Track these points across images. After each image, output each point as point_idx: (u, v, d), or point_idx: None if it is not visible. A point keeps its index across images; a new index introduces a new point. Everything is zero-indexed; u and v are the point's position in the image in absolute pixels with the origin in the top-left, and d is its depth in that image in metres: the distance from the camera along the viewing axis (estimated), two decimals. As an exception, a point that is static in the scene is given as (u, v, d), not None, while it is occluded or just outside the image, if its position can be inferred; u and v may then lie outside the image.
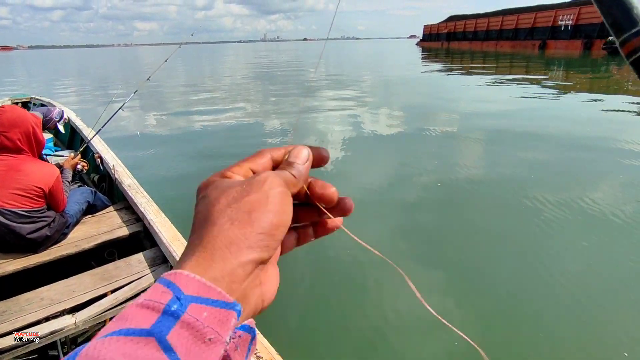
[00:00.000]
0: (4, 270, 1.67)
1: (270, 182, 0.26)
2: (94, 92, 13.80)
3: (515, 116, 7.12)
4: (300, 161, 0.29)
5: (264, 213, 0.24)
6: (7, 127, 1.83)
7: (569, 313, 2.12)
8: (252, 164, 0.29)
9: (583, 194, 3.52)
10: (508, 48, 35.82)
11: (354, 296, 2.32)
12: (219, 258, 0.22)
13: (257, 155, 0.30)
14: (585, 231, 2.94)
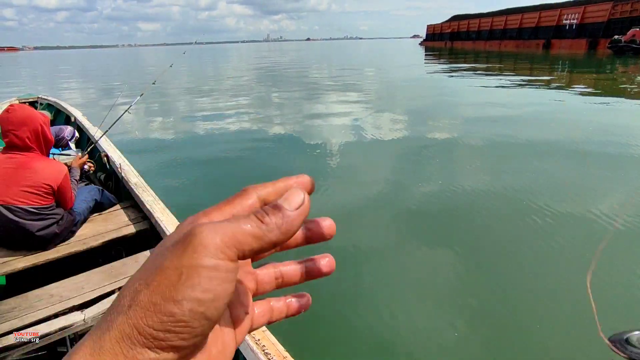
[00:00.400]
0: (14, 267, 1.69)
1: (199, 244, 0.18)
2: (98, 92, 13.90)
3: (519, 119, 7.08)
4: (290, 207, 0.21)
5: (172, 299, 0.17)
6: (16, 126, 1.84)
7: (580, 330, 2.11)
8: (234, 208, 0.22)
9: (589, 202, 3.49)
10: (512, 48, 35.69)
11: (363, 295, 2.33)
12: (108, 352, 0.17)
13: (241, 196, 0.23)
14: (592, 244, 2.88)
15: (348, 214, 3.37)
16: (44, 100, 5.01)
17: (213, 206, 0.23)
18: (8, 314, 1.45)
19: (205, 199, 3.80)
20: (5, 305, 1.49)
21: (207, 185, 4.19)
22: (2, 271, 1.66)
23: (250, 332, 0.26)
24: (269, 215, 0.21)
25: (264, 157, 5.13)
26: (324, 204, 3.57)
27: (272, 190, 0.23)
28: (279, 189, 0.23)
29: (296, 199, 0.22)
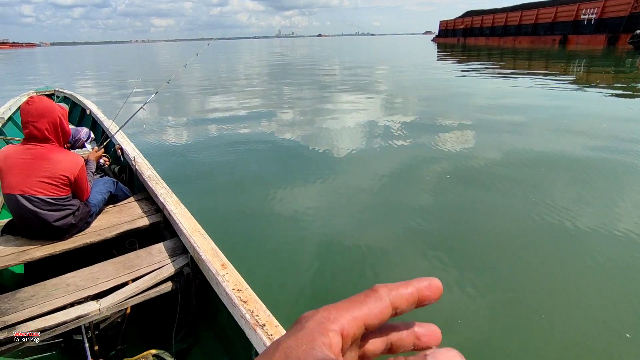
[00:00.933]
0: (32, 256, 1.72)
1: None
2: (112, 86, 14.09)
3: (537, 119, 6.95)
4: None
5: None
6: (35, 117, 1.87)
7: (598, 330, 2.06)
8: (365, 310, 0.21)
9: (608, 205, 3.41)
10: (527, 44, 34.96)
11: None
12: None
13: (371, 296, 0.21)
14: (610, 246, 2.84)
15: (360, 212, 3.36)
16: (61, 93, 5.11)
17: (342, 303, 0.21)
18: (27, 302, 1.47)
19: (218, 194, 3.83)
20: (24, 293, 1.52)
21: (219, 178, 4.21)
22: (21, 260, 1.69)
23: None
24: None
25: (276, 152, 5.14)
26: (334, 202, 3.56)
27: (405, 295, 0.22)
28: (411, 296, 0.22)
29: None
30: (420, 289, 0.22)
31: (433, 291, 0.23)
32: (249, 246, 2.83)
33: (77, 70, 24.13)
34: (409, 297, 0.22)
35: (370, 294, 0.22)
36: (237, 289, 1.36)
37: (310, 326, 0.19)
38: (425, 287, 0.23)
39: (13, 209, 1.82)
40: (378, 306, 0.21)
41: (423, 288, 0.22)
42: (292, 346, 0.18)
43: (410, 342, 0.23)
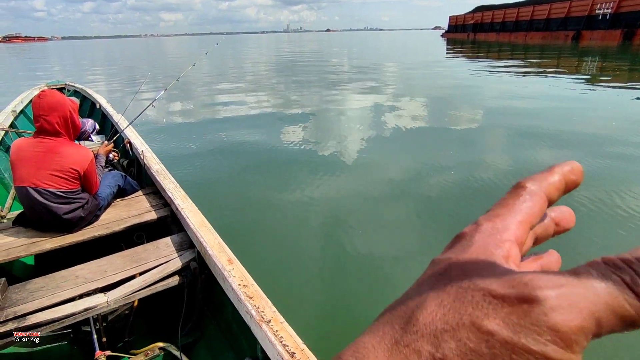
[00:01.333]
0: (42, 247, 1.74)
1: (546, 323, 0.13)
2: (121, 80, 14.20)
3: (549, 118, 6.84)
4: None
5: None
6: (47, 111, 1.88)
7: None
8: (531, 218, 0.19)
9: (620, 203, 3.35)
10: (538, 39, 34.36)
11: (381, 291, 2.31)
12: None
13: (526, 196, 0.19)
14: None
15: (362, 212, 3.35)
16: (71, 87, 5.16)
17: (497, 209, 0.19)
18: (37, 293, 1.50)
19: (226, 189, 3.85)
20: (34, 284, 1.54)
21: (227, 174, 4.23)
22: (31, 251, 1.72)
23: None
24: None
25: (285, 150, 5.14)
26: (342, 200, 3.55)
27: (555, 184, 0.20)
28: (560, 183, 0.20)
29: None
30: (566, 174, 0.20)
31: (577, 174, 0.21)
32: (256, 242, 2.84)
33: (87, 65, 24.36)
34: (558, 184, 0.20)
35: (521, 192, 0.20)
36: (243, 285, 1.37)
37: (481, 240, 0.18)
38: (569, 172, 0.21)
39: (24, 201, 1.84)
40: (537, 203, 0.19)
41: (567, 172, 0.21)
42: (468, 263, 0.17)
43: (551, 230, 0.22)
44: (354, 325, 2.03)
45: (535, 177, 0.20)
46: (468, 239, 0.18)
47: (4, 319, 1.36)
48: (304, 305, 2.19)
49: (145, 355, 1.52)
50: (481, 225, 0.19)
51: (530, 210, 0.19)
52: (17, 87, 11.49)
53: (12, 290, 1.51)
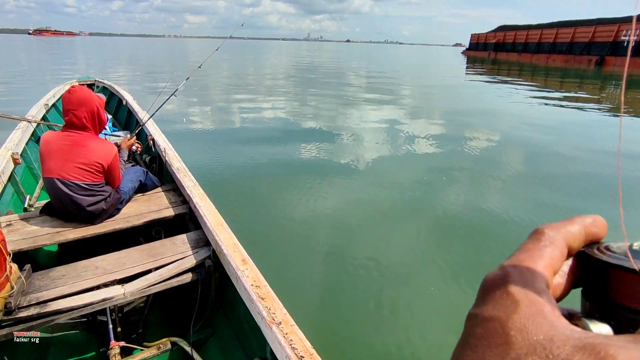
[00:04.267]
0: (66, 237, 1.80)
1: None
2: (146, 77, 14.55)
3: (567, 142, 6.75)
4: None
5: None
6: (76, 106, 1.96)
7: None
8: (555, 265, 0.19)
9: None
10: (560, 62, 33.98)
11: (392, 301, 2.31)
12: None
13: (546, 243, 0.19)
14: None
15: (374, 219, 3.35)
16: (100, 83, 5.34)
17: (521, 256, 0.19)
18: (59, 280, 1.55)
19: (243, 190, 3.90)
20: (56, 272, 1.60)
21: (245, 175, 4.30)
22: (55, 240, 1.78)
23: None
24: None
25: (305, 156, 5.18)
26: (356, 208, 3.56)
27: (576, 234, 0.20)
28: (580, 234, 0.20)
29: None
30: (587, 226, 0.21)
31: (599, 228, 0.21)
32: (270, 244, 2.87)
33: (114, 60, 25.02)
34: (578, 234, 0.20)
35: (540, 237, 0.20)
36: (256, 285, 1.39)
37: (519, 293, 0.17)
38: (591, 224, 0.21)
39: (51, 192, 1.91)
40: (557, 249, 0.19)
41: (589, 225, 0.21)
42: (526, 324, 0.16)
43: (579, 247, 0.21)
44: (363, 332, 2.03)
45: (554, 225, 0.20)
46: (503, 290, 0.18)
47: (28, 304, 1.41)
48: (314, 310, 2.20)
49: (158, 349, 1.55)
50: (509, 273, 0.18)
51: (553, 255, 0.19)
52: (45, 82, 11.88)
53: (35, 276, 1.56)
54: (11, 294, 1.39)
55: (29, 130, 3.13)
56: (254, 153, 5.12)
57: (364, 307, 2.23)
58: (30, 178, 2.80)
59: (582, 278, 0.21)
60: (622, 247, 0.20)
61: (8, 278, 1.39)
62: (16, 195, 2.43)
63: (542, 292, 0.17)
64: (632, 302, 0.18)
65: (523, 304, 0.17)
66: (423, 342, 1.99)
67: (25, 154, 2.83)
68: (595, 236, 0.21)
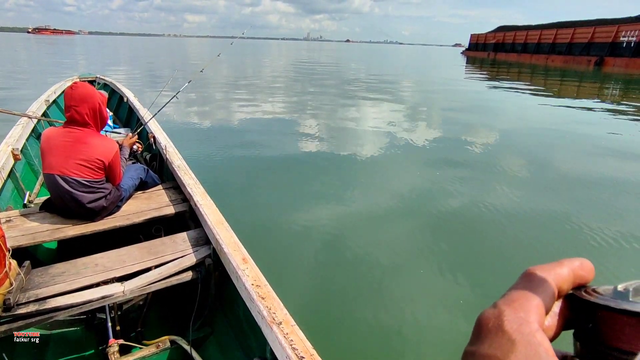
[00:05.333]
0: (65, 234, 1.79)
1: None
2: (147, 77, 14.53)
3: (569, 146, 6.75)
4: None
5: None
6: (78, 102, 1.94)
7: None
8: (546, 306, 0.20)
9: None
10: (559, 63, 34.01)
11: (394, 302, 2.30)
12: None
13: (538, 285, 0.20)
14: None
15: (375, 219, 3.35)
16: (102, 80, 5.33)
17: (514, 297, 0.20)
18: (58, 277, 1.54)
19: (245, 188, 3.89)
20: (55, 269, 1.59)
21: (247, 174, 4.29)
22: (55, 237, 1.77)
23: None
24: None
25: (306, 156, 5.18)
26: (357, 208, 3.56)
27: (565, 276, 0.21)
28: (569, 276, 0.21)
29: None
30: (575, 269, 0.21)
31: (587, 271, 0.22)
32: (270, 243, 2.86)
33: (113, 59, 24.97)
34: (567, 277, 0.21)
35: (532, 278, 0.20)
36: (256, 285, 1.37)
37: (514, 332, 0.18)
38: (579, 267, 0.22)
39: (51, 188, 1.90)
40: (548, 289, 0.20)
41: (577, 268, 0.22)
42: (519, 359, 0.17)
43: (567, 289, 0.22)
44: (364, 333, 2.03)
45: (543, 267, 0.21)
46: (498, 329, 0.18)
47: (27, 301, 1.40)
48: (315, 310, 2.19)
49: (157, 347, 1.55)
50: (503, 312, 0.19)
51: (544, 296, 0.20)
52: (45, 81, 11.85)
53: (35, 273, 1.55)
54: (10, 291, 1.38)
55: (30, 126, 3.12)
56: (255, 151, 5.12)
57: (366, 308, 2.22)
58: (30, 174, 2.79)
59: (572, 320, 0.21)
60: (609, 289, 0.20)
61: (7, 274, 1.38)
62: (16, 191, 2.41)
63: (537, 332, 0.18)
64: (622, 343, 0.19)
65: (519, 344, 0.17)
66: (424, 341, 1.98)
67: (25, 150, 2.82)
68: (583, 279, 0.21)
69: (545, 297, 0.20)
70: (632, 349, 0.18)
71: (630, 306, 0.19)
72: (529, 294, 0.19)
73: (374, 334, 2.03)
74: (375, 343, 1.97)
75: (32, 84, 11.26)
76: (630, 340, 0.18)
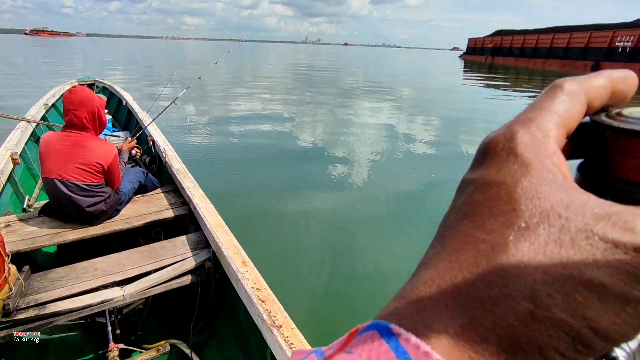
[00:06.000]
0: (65, 238, 1.79)
1: None
2: (145, 79, 14.52)
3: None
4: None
5: None
6: (76, 106, 1.94)
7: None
8: (571, 120, 0.16)
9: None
10: (556, 67, 34.26)
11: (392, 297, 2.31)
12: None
13: (564, 96, 0.16)
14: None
15: (375, 222, 3.36)
16: (100, 84, 5.33)
17: (530, 112, 0.16)
18: (58, 282, 1.53)
19: (244, 191, 3.89)
20: (55, 273, 1.58)
21: (246, 176, 4.30)
22: (54, 241, 1.76)
23: None
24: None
25: (304, 159, 5.19)
26: (354, 212, 3.57)
27: (599, 89, 0.17)
28: (605, 89, 0.17)
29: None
30: (614, 81, 0.17)
31: (629, 85, 0.18)
32: (270, 246, 2.86)
33: (111, 61, 24.95)
34: (602, 90, 0.17)
35: (557, 92, 0.16)
36: (256, 288, 1.38)
37: (529, 153, 0.15)
38: (620, 79, 0.18)
39: (50, 193, 1.90)
40: (575, 105, 0.16)
41: (617, 80, 0.18)
42: (537, 189, 0.14)
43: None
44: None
45: (576, 78, 0.17)
46: (509, 152, 0.15)
47: (26, 306, 1.40)
48: (316, 313, 2.19)
49: (157, 351, 1.54)
50: (516, 132, 0.15)
51: (569, 113, 0.16)
52: (43, 84, 11.82)
53: (34, 278, 1.55)
54: (9, 296, 1.38)
55: (29, 130, 3.11)
56: (255, 154, 5.13)
57: (367, 310, 2.22)
58: (29, 178, 2.78)
59: (582, 146, 0.18)
60: (637, 112, 0.16)
61: (6, 279, 1.38)
62: (15, 195, 2.41)
63: (555, 155, 0.15)
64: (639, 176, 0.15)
65: (534, 167, 0.14)
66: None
67: (24, 154, 2.81)
68: (623, 95, 0.18)
69: (571, 113, 0.16)
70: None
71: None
72: (549, 111, 0.16)
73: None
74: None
75: (30, 87, 11.23)
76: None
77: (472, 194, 0.15)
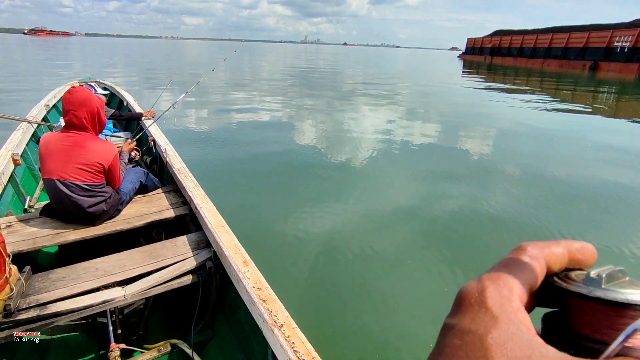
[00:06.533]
0: (66, 239, 1.79)
1: None
2: (143, 79, 14.50)
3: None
4: None
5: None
6: (76, 106, 1.94)
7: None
8: (532, 282, 0.19)
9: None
10: (555, 67, 34.33)
11: (392, 301, 2.31)
12: None
13: (527, 260, 0.20)
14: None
15: (375, 221, 3.36)
16: (101, 84, 5.33)
17: (499, 271, 0.19)
18: (59, 282, 1.53)
19: (245, 191, 3.89)
20: (56, 274, 1.58)
21: (247, 176, 4.30)
22: (55, 242, 1.76)
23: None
24: None
25: (305, 161, 5.18)
26: (356, 211, 3.57)
27: (558, 255, 0.20)
28: (563, 257, 0.20)
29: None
30: (572, 251, 0.21)
31: (586, 256, 0.21)
32: (271, 246, 2.86)
33: (111, 61, 24.90)
34: (560, 257, 0.20)
35: (522, 254, 0.20)
36: (258, 287, 1.38)
37: (497, 308, 0.18)
38: (577, 250, 0.21)
39: (51, 193, 1.90)
40: (536, 267, 0.19)
41: (574, 250, 0.21)
42: (504, 341, 0.16)
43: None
44: (365, 336, 2.03)
45: (538, 243, 0.20)
46: (480, 304, 0.18)
47: (27, 306, 1.40)
48: (317, 312, 2.19)
49: (158, 351, 1.54)
50: (487, 287, 0.18)
51: (531, 274, 0.19)
52: (42, 85, 11.79)
53: (35, 278, 1.55)
54: (10, 296, 1.38)
55: (30, 131, 3.11)
56: (255, 154, 5.13)
57: (367, 310, 2.23)
58: (30, 179, 2.78)
59: (545, 301, 0.21)
60: (582, 275, 0.20)
61: (7, 280, 1.38)
62: (16, 196, 2.41)
63: (519, 311, 0.18)
64: (592, 331, 0.18)
65: (502, 320, 0.17)
66: (425, 343, 1.99)
67: (25, 154, 2.81)
68: (580, 263, 0.21)
69: (533, 274, 0.19)
70: (602, 337, 0.18)
71: (603, 294, 0.18)
72: (516, 269, 0.19)
73: (376, 336, 2.03)
74: (376, 345, 1.98)
75: (30, 86, 11.21)
76: (601, 329, 0.18)
77: (451, 338, 0.18)
